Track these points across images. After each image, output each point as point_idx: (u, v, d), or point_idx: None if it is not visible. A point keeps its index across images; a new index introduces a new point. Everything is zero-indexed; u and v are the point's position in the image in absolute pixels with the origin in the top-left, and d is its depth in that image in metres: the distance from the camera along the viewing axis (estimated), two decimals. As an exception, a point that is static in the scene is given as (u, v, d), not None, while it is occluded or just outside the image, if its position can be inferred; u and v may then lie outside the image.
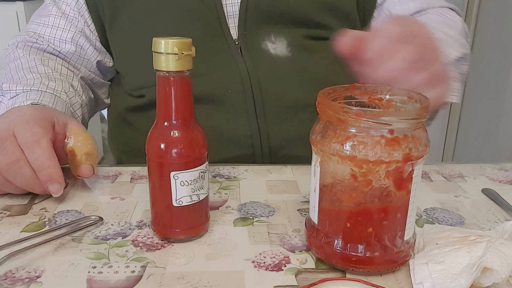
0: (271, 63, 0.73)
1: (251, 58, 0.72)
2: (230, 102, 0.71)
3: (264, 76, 0.71)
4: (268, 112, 0.71)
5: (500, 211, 0.54)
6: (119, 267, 0.42)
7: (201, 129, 0.46)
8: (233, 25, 0.73)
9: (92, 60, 0.78)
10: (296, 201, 0.56)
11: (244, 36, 0.73)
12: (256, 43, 0.73)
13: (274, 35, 0.73)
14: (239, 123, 0.71)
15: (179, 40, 0.41)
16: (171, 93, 0.43)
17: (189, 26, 0.72)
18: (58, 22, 0.75)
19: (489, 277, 0.38)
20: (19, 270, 0.42)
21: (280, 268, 0.43)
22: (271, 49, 0.73)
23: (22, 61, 0.71)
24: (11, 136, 0.52)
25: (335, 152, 0.39)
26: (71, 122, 0.59)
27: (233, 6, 0.72)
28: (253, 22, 0.72)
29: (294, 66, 0.72)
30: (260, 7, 0.72)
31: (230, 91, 0.71)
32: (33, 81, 0.66)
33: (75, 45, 0.76)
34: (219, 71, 0.72)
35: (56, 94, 0.66)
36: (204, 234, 0.48)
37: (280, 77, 0.72)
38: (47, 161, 0.51)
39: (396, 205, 0.40)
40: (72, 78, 0.74)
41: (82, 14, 0.75)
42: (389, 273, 0.42)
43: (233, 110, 0.71)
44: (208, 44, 0.72)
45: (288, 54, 0.73)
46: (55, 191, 0.52)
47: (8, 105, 0.63)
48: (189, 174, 0.44)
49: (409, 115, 0.38)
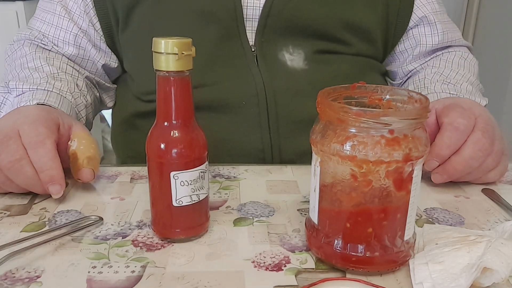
0: (287, 76, 0.71)
1: (267, 69, 0.71)
2: (243, 114, 0.70)
3: (280, 90, 0.70)
4: (281, 126, 0.70)
5: (500, 211, 0.54)
6: (119, 267, 0.42)
7: (201, 129, 0.46)
8: (251, 28, 0.71)
9: (96, 62, 0.77)
10: (296, 201, 0.56)
11: (261, 43, 0.71)
12: (273, 52, 0.72)
13: (292, 47, 0.72)
14: (251, 136, 0.70)
15: (179, 40, 0.41)
16: (171, 93, 0.43)
17: (204, 29, 0.69)
18: (61, 22, 0.74)
19: (489, 277, 0.38)
20: (19, 270, 0.42)
21: (280, 268, 0.43)
22: (288, 61, 0.72)
23: (28, 59, 0.71)
24: (15, 135, 0.52)
25: (335, 152, 0.39)
26: (76, 125, 0.59)
27: (253, 10, 0.70)
28: (273, 29, 0.71)
29: (310, 80, 0.72)
30: (283, 15, 0.70)
31: (244, 102, 0.69)
32: (40, 80, 0.66)
33: (78, 48, 0.75)
34: (234, 80, 0.70)
35: (62, 94, 0.66)
36: (204, 234, 0.48)
37: (296, 91, 0.71)
38: (50, 162, 0.52)
39: (396, 205, 0.40)
40: (77, 77, 0.74)
41: (88, 12, 0.74)
42: (389, 273, 0.42)
43: (246, 122, 0.70)
44: (223, 48, 0.70)
45: (304, 67, 0.72)
46: (55, 192, 0.52)
47: (14, 102, 0.63)
48: (189, 174, 0.44)
49: (409, 115, 0.38)
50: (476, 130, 0.56)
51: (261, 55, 0.71)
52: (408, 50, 0.81)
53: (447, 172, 0.57)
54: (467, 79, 0.74)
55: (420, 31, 0.80)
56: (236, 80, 0.70)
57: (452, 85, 0.72)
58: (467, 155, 0.55)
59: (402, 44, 0.81)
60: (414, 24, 0.79)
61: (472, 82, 0.74)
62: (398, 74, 0.85)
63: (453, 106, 0.58)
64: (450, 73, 0.75)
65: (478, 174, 0.58)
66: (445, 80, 0.73)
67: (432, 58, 0.81)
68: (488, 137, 0.56)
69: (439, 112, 0.59)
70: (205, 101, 0.69)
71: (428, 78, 0.76)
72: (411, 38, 0.81)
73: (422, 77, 0.77)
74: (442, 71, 0.76)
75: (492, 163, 0.58)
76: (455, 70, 0.76)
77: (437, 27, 0.79)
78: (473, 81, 0.75)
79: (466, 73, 0.76)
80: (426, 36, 0.80)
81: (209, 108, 0.70)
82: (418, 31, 0.80)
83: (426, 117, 0.39)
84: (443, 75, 0.75)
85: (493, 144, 0.57)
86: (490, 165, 0.58)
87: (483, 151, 0.56)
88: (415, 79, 0.79)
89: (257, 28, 0.71)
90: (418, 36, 0.80)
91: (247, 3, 0.70)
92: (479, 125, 0.56)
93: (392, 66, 0.85)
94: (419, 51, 0.80)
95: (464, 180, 0.59)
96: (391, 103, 0.44)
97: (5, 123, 0.54)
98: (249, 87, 0.70)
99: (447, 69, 0.76)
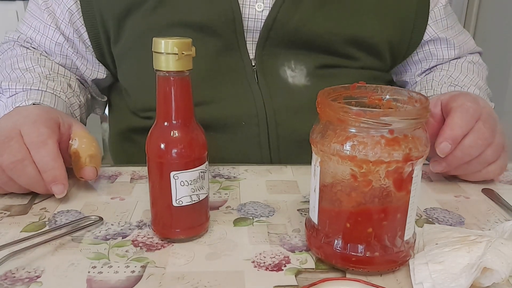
0: (288, 93, 0.69)
1: (267, 87, 0.69)
2: (243, 134, 0.68)
3: (280, 109, 0.68)
4: (282, 146, 0.68)
5: (500, 211, 0.54)
6: (119, 267, 0.42)
7: (201, 129, 0.46)
8: (251, 40, 0.69)
9: (82, 73, 0.75)
10: (296, 201, 0.56)
11: (262, 56, 0.69)
12: (274, 68, 0.69)
13: (294, 62, 0.70)
14: (251, 156, 0.68)
15: (179, 40, 0.41)
16: (171, 93, 0.43)
17: (202, 42, 0.65)
18: (47, 31, 0.72)
19: (489, 277, 0.38)
20: (19, 270, 0.42)
21: (280, 268, 0.43)
22: (289, 77, 0.70)
23: (19, 59, 0.70)
24: (17, 135, 0.52)
25: (335, 152, 0.39)
26: (75, 124, 0.59)
27: (255, 22, 0.68)
28: (275, 42, 0.68)
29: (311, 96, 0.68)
30: (286, 28, 0.68)
31: (244, 123, 0.68)
32: (32, 80, 0.65)
33: (65, 58, 0.73)
34: (233, 98, 0.68)
35: (56, 94, 0.66)
36: (204, 234, 0.48)
37: (297, 109, 0.68)
38: (53, 162, 0.52)
39: (396, 205, 0.40)
40: (70, 77, 0.73)
41: (74, 22, 0.71)
42: (389, 273, 0.42)
43: (246, 142, 0.68)
44: (222, 61, 0.68)
45: (306, 83, 0.70)
46: (58, 192, 0.52)
47: (8, 103, 0.62)
48: (189, 174, 0.44)
49: (409, 115, 0.38)
50: (478, 120, 0.55)
51: (261, 71, 0.69)
52: (423, 62, 0.80)
53: (446, 160, 0.56)
54: (475, 83, 0.74)
55: (436, 45, 0.78)
56: (235, 98, 0.68)
57: (459, 88, 0.72)
58: (467, 143, 0.54)
59: (416, 56, 0.80)
60: (429, 38, 0.78)
61: (480, 87, 0.74)
62: (409, 83, 0.84)
63: (460, 94, 0.58)
64: (459, 76, 0.75)
65: (477, 165, 0.57)
66: (453, 83, 0.73)
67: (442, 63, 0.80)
68: (489, 127, 0.55)
69: (445, 102, 0.58)
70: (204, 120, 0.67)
71: (436, 80, 0.75)
72: (426, 51, 0.79)
73: (430, 78, 0.77)
74: (451, 74, 0.75)
75: (492, 155, 0.56)
76: (464, 74, 0.75)
77: (453, 42, 0.78)
78: (481, 86, 0.74)
79: (474, 77, 0.75)
80: (443, 50, 0.78)
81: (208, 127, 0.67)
82: (434, 46, 0.78)
83: (426, 117, 0.39)
84: (452, 78, 0.74)
85: (494, 135, 0.56)
86: (490, 157, 0.57)
87: (483, 140, 0.55)
88: (423, 80, 0.78)
89: (258, 41, 0.69)
90: (435, 50, 0.78)
91: (248, 14, 0.68)
92: (481, 115, 0.56)
93: (402, 76, 0.84)
94: (435, 63, 0.79)
95: (463, 172, 0.59)
96: (391, 103, 0.44)
97: (5, 124, 0.54)
98: (248, 106, 0.68)
99: (456, 72, 0.76)
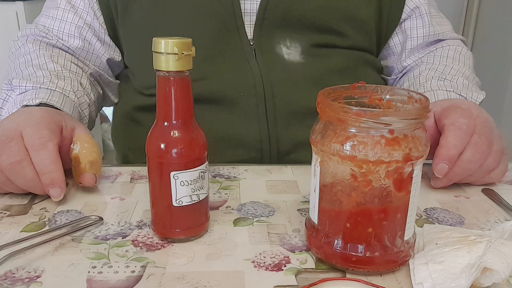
0: (284, 68, 0.73)
1: (265, 62, 0.72)
2: (241, 105, 0.71)
3: (277, 82, 0.72)
4: (278, 117, 0.71)
5: (500, 211, 0.54)
6: (119, 267, 0.42)
7: (201, 129, 0.46)
8: (249, 23, 0.72)
9: (100, 56, 0.77)
10: (296, 201, 0.56)
11: (260, 37, 0.73)
12: (270, 45, 0.73)
13: (289, 40, 0.74)
14: (249, 127, 0.71)
15: (179, 40, 0.41)
16: (171, 93, 0.43)
17: (203, 23, 0.71)
18: (66, 15, 0.75)
19: (489, 277, 0.38)
20: (19, 270, 0.42)
21: (280, 268, 0.43)
22: (285, 54, 0.73)
23: (32, 57, 0.71)
24: (18, 136, 0.52)
25: (335, 152, 0.39)
26: (79, 128, 0.60)
27: (251, 4, 0.72)
28: (271, 23, 0.72)
29: (306, 73, 0.73)
30: (279, 8, 0.72)
31: (242, 94, 0.71)
32: (43, 79, 0.66)
33: (83, 40, 0.75)
34: (233, 73, 0.71)
35: (65, 93, 0.66)
36: (204, 234, 0.48)
37: (293, 83, 0.72)
38: (51, 165, 0.52)
39: (396, 205, 0.40)
40: (81, 75, 0.74)
41: (92, 5, 0.75)
42: (389, 273, 0.42)
43: (244, 113, 0.71)
44: (222, 42, 0.72)
45: (301, 61, 0.74)
46: (55, 195, 0.52)
47: (17, 100, 0.63)
48: (189, 174, 0.44)
49: (409, 115, 0.38)
50: (473, 134, 0.56)
51: (259, 49, 0.73)
52: (402, 44, 0.82)
53: (446, 176, 0.57)
54: (462, 73, 0.75)
55: (411, 24, 0.81)
56: (234, 72, 0.71)
57: (448, 81, 0.72)
58: (465, 158, 0.55)
59: (396, 37, 0.82)
60: (407, 15, 0.80)
61: (468, 76, 0.75)
62: (393, 70, 0.86)
63: (452, 108, 0.59)
64: (445, 68, 0.76)
65: (479, 175, 0.58)
66: (441, 76, 0.74)
67: (426, 54, 0.81)
68: (485, 138, 0.56)
69: (438, 115, 0.59)
70: (205, 93, 0.70)
71: (423, 75, 0.76)
72: (403, 31, 0.82)
73: (417, 74, 0.77)
74: (436, 67, 0.76)
75: (492, 163, 0.58)
76: (449, 66, 0.76)
77: (426, 19, 0.80)
78: (468, 75, 0.75)
79: (461, 68, 0.76)
80: (417, 28, 0.80)
81: (209, 100, 0.71)
82: (409, 24, 0.81)
83: (426, 117, 0.39)
84: (438, 71, 0.75)
85: (491, 145, 0.57)
86: (491, 165, 0.58)
87: (481, 154, 0.56)
88: (410, 76, 0.79)
89: (256, 22, 0.72)
90: (409, 29, 0.81)
91: None
92: (476, 127, 0.57)
93: (388, 61, 0.86)
94: (410, 45, 0.81)
95: (466, 182, 0.59)
96: (391, 103, 0.44)
97: (8, 125, 0.54)
98: (247, 79, 0.71)
99: (441, 65, 0.77)
